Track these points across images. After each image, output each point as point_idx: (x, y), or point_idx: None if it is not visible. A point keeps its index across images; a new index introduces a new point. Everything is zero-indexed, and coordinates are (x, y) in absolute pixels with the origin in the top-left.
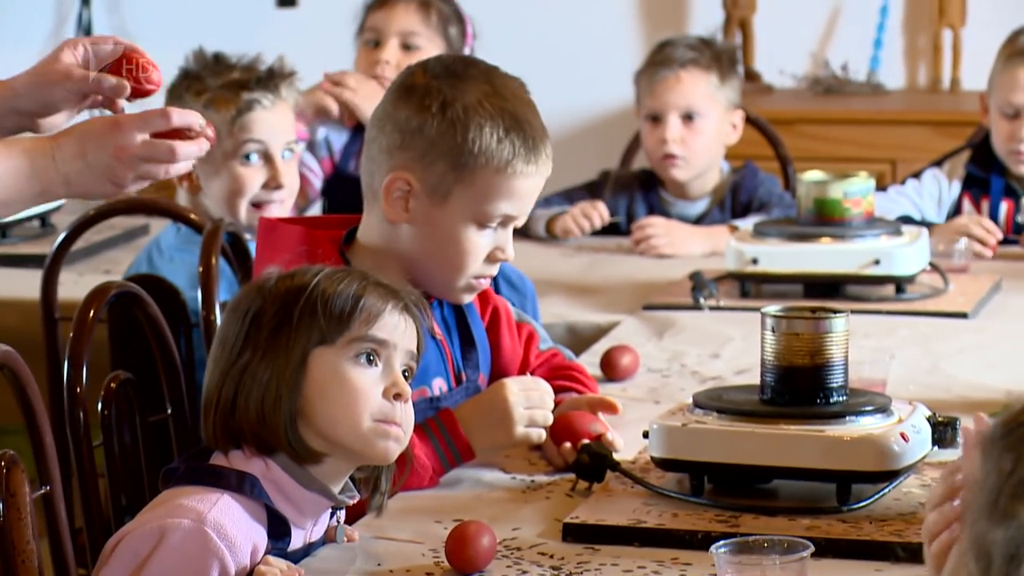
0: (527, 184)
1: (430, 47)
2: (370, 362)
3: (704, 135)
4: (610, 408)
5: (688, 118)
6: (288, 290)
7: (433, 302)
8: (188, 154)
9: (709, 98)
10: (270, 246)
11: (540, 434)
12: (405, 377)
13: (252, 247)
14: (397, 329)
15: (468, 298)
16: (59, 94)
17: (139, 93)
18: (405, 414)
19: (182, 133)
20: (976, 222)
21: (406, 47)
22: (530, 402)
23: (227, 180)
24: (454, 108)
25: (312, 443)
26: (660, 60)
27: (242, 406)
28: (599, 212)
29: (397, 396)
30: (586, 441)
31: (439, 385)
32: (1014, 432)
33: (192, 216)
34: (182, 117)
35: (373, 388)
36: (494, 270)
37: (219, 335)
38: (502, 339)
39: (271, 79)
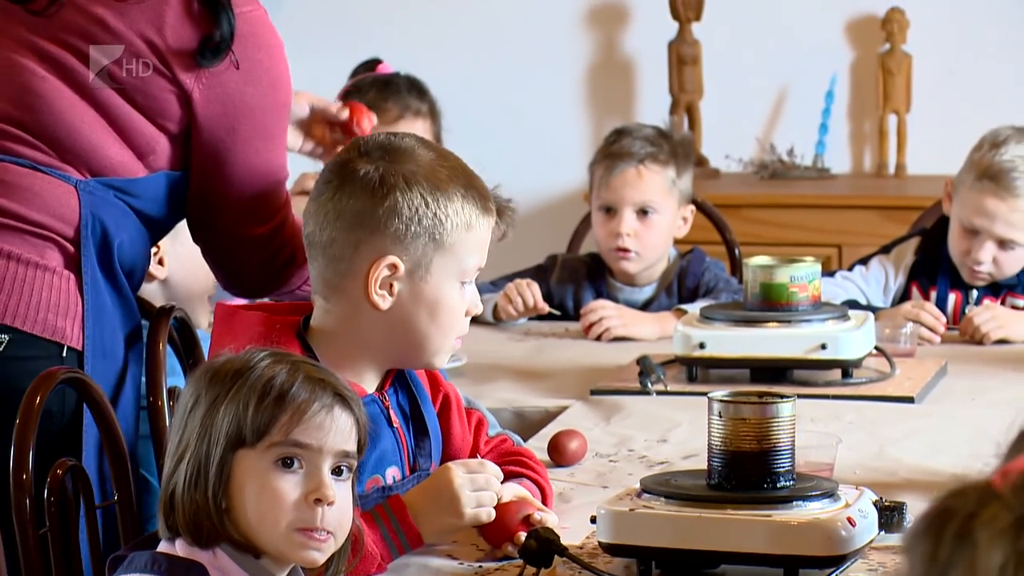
0: (487, 234)
1: None
2: (290, 465)
3: (657, 229)
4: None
5: (643, 212)
6: (222, 380)
7: (389, 389)
8: None
9: (665, 193)
10: (228, 333)
11: (489, 513)
12: (340, 473)
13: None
14: (322, 430)
15: (446, 360)
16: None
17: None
18: (331, 517)
19: None
20: (922, 307)
21: None
22: (476, 485)
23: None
24: (418, 182)
25: (241, 539)
26: (618, 152)
27: (178, 495)
28: (537, 304)
29: (318, 501)
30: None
31: (392, 474)
32: (934, 521)
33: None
34: None
35: (292, 494)
36: (467, 326)
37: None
38: (452, 426)
39: None
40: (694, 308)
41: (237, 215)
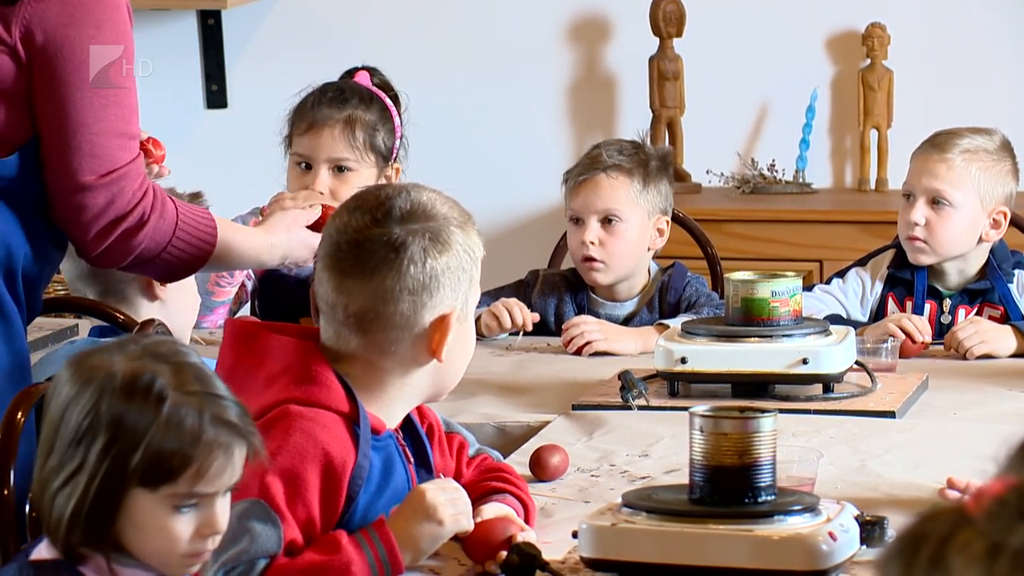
0: None
1: (360, 166)
2: (186, 509)
3: (623, 239)
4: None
5: (607, 221)
6: (130, 401)
7: (386, 432)
8: None
9: (630, 203)
10: (251, 355)
11: (469, 519)
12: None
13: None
14: (221, 476)
15: None
16: None
17: None
18: (218, 537)
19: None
20: (907, 317)
21: (338, 169)
22: (447, 494)
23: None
24: (451, 232)
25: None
26: (587, 162)
27: (58, 506)
28: (524, 314)
29: (210, 534)
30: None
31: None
32: (908, 545)
33: (119, 316)
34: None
35: (186, 532)
36: None
37: (59, 414)
38: (434, 456)
39: None
40: (676, 323)
41: (74, 161)
